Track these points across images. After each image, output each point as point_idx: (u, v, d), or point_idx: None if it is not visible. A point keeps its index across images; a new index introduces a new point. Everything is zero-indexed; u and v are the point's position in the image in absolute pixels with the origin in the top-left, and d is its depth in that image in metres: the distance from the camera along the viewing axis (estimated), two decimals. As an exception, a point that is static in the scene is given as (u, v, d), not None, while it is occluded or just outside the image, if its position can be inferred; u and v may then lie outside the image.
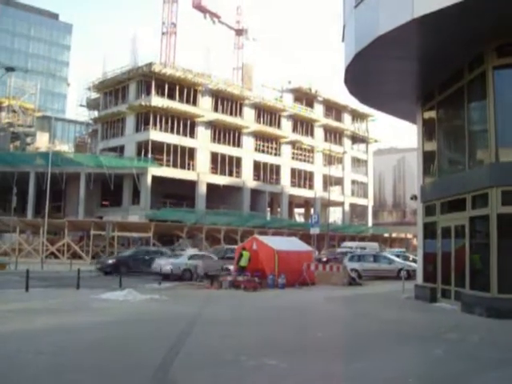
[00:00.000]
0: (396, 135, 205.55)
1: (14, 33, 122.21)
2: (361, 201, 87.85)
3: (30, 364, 8.84)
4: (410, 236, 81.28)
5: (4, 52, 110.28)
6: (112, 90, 66.67)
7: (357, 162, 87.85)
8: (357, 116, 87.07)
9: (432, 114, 20.01)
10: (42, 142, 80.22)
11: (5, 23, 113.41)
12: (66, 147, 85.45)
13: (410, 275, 27.71)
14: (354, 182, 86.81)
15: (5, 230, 47.49)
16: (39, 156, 59.16)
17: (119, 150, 63.92)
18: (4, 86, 72.50)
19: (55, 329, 12.20)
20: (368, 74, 18.22)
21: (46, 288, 22.24)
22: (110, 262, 34.05)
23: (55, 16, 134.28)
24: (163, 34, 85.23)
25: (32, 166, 57.28)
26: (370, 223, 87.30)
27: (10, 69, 38.38)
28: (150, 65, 60.63)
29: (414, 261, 32.68)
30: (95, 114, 72.51)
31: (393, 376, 8.59)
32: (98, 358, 9.45)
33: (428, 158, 20.28)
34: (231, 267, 27.29)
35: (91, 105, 73.01)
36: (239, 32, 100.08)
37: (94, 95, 71.28)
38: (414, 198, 22.75)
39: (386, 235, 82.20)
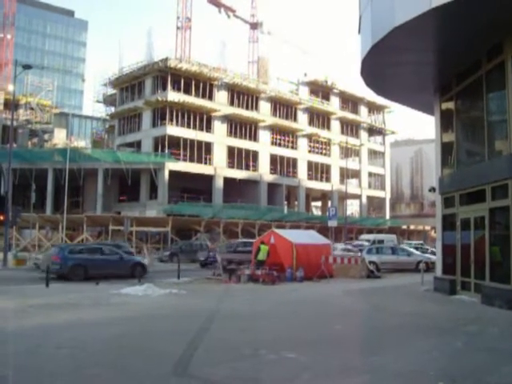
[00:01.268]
0: (413, 126, 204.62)
1: (31, 30, 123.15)
2: (378, 193, 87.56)
3: (50, 359, 8.90)
4: (428, 228, 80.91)
5: (20, 50, 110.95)
6: (128, 85, 66.97)
7: (374, 154, 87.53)
8: (373, 108, 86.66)
9: (450, 105, 19.83)
10: (59, 138, 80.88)
11: (21, 21, 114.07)
12: (83, 143, 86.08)
13: (429, 267, 27.63)
14: (371, 174, 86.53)
15: (24, 226, 47.92)
16: (57, 152, 59.62)
17: (136, 145, 64.30)
18: (21, 84, 72.99)
19: (75, 324, 12.27)
20: (385, 66, 18.06)
21: (66, 283, 22.41)
22: None
23: (71, 13, 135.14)
24: (178, 28, 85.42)
25: (50, 163, 57.74)
26: (387, 216, 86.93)
27: (27, 66, 38.55)
28: (165, 60, 60.79)
29: (433, 253, 32.52)
30: (112, 109, 72.92)
31: (412, 369, 8.55)
32: (117, 353, 9.48)
33: (446, 150, 20.10)
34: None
35: (108, 101, 73.46)
36: (254, 25, 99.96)
37: (111, 91, 71.74)
38: (432, 189, 22.59)
39: (404, 227, 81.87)
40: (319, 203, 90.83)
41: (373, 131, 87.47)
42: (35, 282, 22.02)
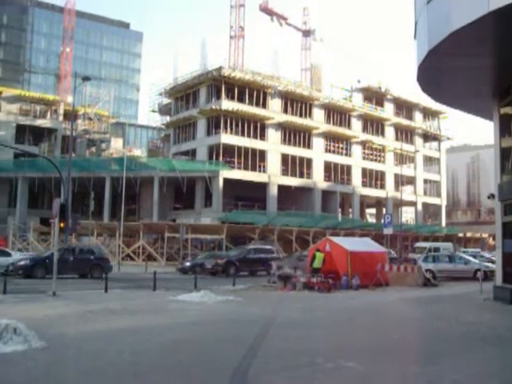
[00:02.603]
0: (469, 132, 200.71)
1: (88, 43, 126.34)
2: (434, 200, 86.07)
3: (112, 363, 9.10)
4: (485, 236, 79.07)
5: (79, 62, 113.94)
6: (183, 94, 67.81)
7: (429, 161, 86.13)
8: (428, 113, 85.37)
9: (509, 109, 19.43)
10: (116, 147, 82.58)
11: (79, 34, 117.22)
12: (138, 152, 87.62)
13: (487, 276, 27.01)
14: (426, 180, 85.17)
15: (83, 233, 49.04)
16: (114, 161, 60.91)
17: (191, 153, 65.01)
18: (80, 95, 74.82)
19: (135, 329, 12.50)
20: (441, 72, 17.84)
21: (124, 289, 22.85)
22: (23, 263, 28.77)
23: (126, 25, 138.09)
24: (231, 37, 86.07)
25: (107, 171, 58.97)
26: (443, 223, 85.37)
27: (86, 78, 39.69)
28: (219, 69, 61.30)
29: (491, 261, 31.81)
30: (167, 119, 73.99)
31: (473, 380, 8.41)
32: (176, 359, 9.61)
33: (505, 155, 19.68)
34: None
35: (163, 110, 74.64)
36: (306, 33, 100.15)
37: (166, 101, 72.80)
38: (491, 196, 22.15)
39: (461, 235, 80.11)
40: (374, 210, 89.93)
41: (428, 137, 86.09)
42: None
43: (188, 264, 37.12)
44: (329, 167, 70.32)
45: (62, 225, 21.64)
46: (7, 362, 8.81)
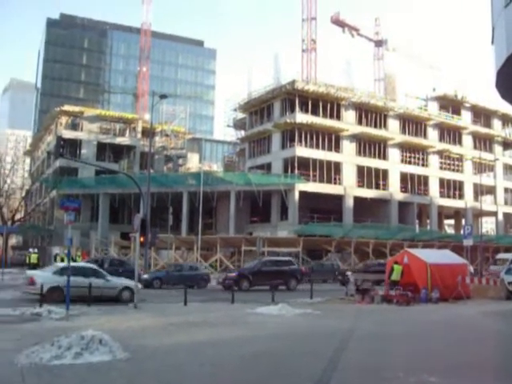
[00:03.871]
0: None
1: (164, 62, 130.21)
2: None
3: (193, 376, 9.28)
4: None
5: (155, 80, 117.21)
6: (257, 109, 68.35)
7: (509, 169, 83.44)
8: (508, 120, 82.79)
9: None
10: (192, 162, 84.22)
11: (156, 54, 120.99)
12: (214, 167, 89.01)
13: None
14: (507, 189, 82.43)
15: (162, 246, 50.13)
16: (191, 176, 62.09)
17: (266, 167, 65.36)
18: (157, 113, 76.81)
19: (215, 342, 12.67)
20: (521, 77, 17.40)
21: (203, 302, 23.21)
22: None
23: (200, 43, 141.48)
24: (303, 51, 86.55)
25: (184, 186, 60.13)
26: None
27: (162, 96, 40.81)
28: (292, 82, 61.58)
29: None
30: (242, 133, 74.78)
31: None
32: (256, 371, 9.71)
33: None
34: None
35: (238, 125, 75.52)
36: (378, 43, 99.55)
37: (240, 115, 73.66)
38: None
39: (546, 245, 77.19)
40: (452, 221, 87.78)
41: (508, 145, 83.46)
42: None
43: (146, 276, 33.66)
44: (405, 178, 69.23)
45: (142, 239, 22.29)
46: (94, 371, 9.14)
